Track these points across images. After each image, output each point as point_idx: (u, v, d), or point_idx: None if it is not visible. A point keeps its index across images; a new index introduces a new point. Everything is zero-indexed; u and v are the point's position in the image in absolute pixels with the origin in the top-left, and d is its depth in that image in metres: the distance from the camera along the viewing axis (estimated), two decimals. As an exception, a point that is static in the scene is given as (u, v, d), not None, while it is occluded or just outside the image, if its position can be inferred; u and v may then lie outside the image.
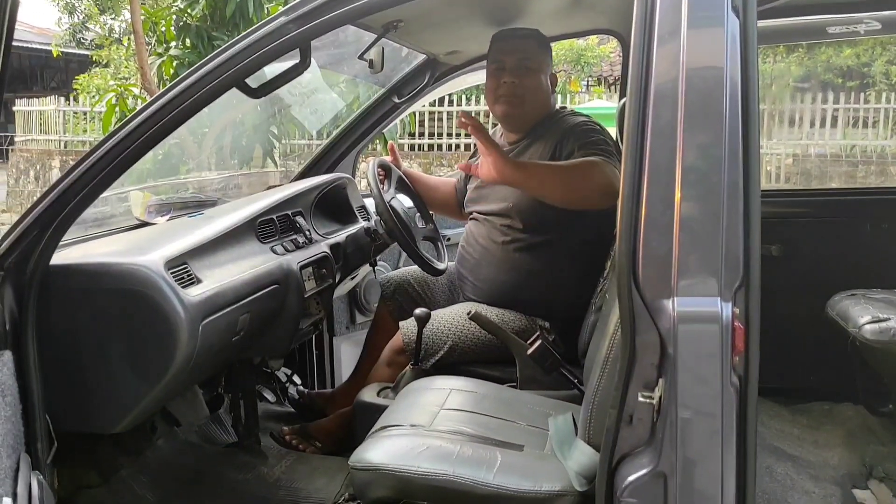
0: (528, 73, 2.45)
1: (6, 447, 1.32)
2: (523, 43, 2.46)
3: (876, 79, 12.16)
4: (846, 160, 10.99)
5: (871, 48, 11.97)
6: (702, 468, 1.38)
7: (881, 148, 11.19)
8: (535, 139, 2.47)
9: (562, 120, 2.47)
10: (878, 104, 11.42)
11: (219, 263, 2.01)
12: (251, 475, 2.41)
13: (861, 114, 11.38)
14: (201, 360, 1.85)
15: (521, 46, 2.46)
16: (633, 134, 1.41)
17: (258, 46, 1.62)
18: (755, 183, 1.38)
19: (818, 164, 11.06)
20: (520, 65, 2.44)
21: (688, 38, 1.40)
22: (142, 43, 6.78)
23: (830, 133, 11.30)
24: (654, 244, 1.39)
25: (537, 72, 2.46)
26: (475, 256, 2.53)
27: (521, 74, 2.44)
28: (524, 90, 2.45)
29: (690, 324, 1.36)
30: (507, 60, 2.45)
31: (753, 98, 1.40)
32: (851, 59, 12.14)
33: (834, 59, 11.89)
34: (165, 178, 3.30)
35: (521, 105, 2.46)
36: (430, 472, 1.65)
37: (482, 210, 2.55)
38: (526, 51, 2.45)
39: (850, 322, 2.42)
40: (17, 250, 1.63)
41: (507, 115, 2.50)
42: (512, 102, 2.46)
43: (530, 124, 2.49)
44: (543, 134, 2.46)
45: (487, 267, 2.48)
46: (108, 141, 1.65)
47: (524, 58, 2.44)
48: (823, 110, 11.16)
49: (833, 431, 2.62)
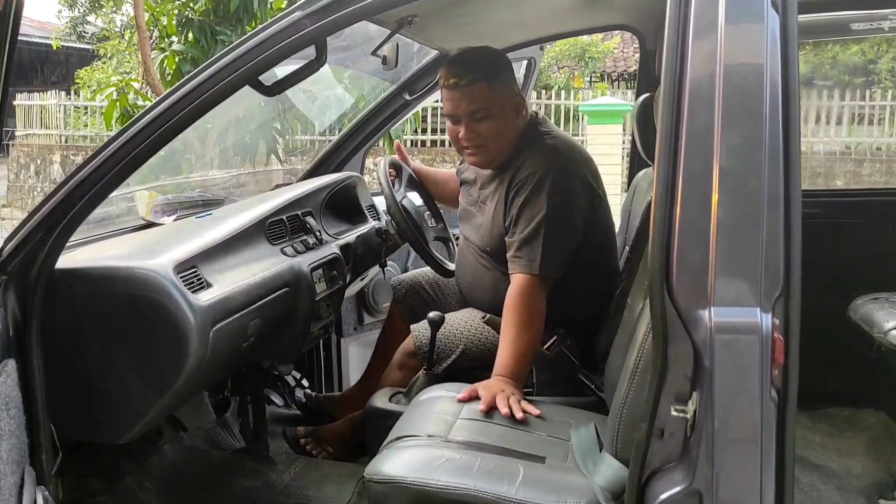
0: (483, 121, 2.25)
1: (10, 463, 1.26)
2: (471, 91, 2.22)
3: (882, 75, 12.10)
4: (853, 158, 10.93)
5: (877, 45, 11.91)
6: (740, 486, 1.32)
7: (887, 145, 11.13)
8: (505, 167, 2.32)
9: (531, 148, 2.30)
10: (883, 101, 11.36)
11: (229, 267, 1.95)
12: (260, 482, 2.36)
13: (867, 111, 11.32)
14: (211, 367, 1.79)
15: (469, 96, 2.23)
16: (666, 134, 1.35)
17: (273, 42, 1.56)
18: (796, 186, 1.32)
19: (824, 162, 11.01)
20: (472, 116, 2.25)
21: (725, 34, 1.34)
22: (145, 37, 6.72)
23: (836, 130, 11.25)
24: (688, 251, 1.33)
25: (494, 117, 2.25)
26: (468, 280, 2.47)
27: (476, 126, 2.25)
28: (484, 140, 2.27)
29: (729, 335, 1.30)
30: (459, 112, 2.26)
31: (794, 98, 1.33)
32: (858, 55, 12.08)
33: (840, 55, 11.82)
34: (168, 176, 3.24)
35: (485, 153, 2.30)
36: (450, 486, 1.59)
37: (466, 236, 2.47)
38: (476, 100, 2.23)
39: (875, 327, 2.36)
40: (21, 253, 1.57)
41: (477, 163, 2.37)
42: (476, 152, 2.31)
43: (501, 160, 2.34)
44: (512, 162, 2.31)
45: (481, 291, 2.41)
46: (117, 140, 1.59)
47: (475, 109, 2.24)
48: (829, 107, 11.09)
49: (855, 438, 2.56)
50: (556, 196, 2.19)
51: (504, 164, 2.33)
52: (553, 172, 2.21)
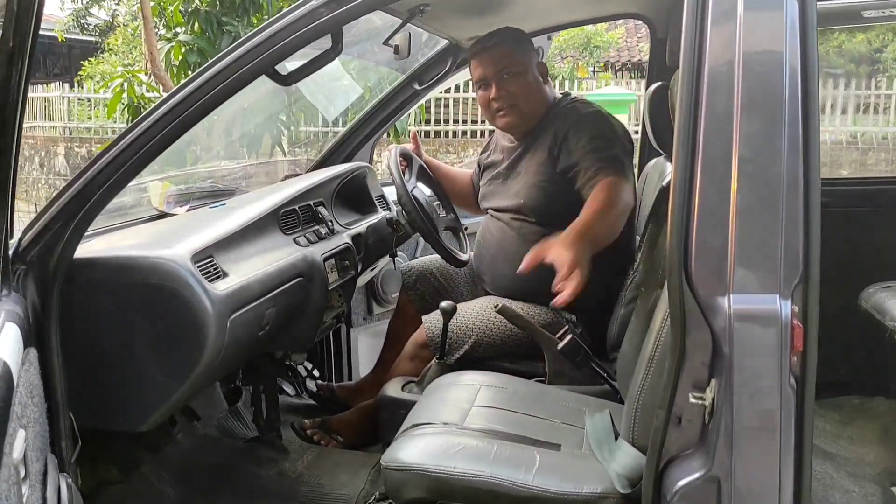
0: (513, 79, 2.41)
1: (35, 450, 1.27)
2: (497, 52, 2.42)
3: (887, 64, 12.04)
4: (860, 147, 10.89)
5: (882, 34, 11.85)
6: (759, 473, 1.32)
7: (893, 135, 11.09)
8: (538, 135, 2.44)
9: (566, 110, 2.43)
10: (889, 90, 11.31)
11: (244, 256, 1.95)
12: (273, 471, 2.37)
13: (872, 100, 11.27)
14: (229, 356, 1.80)
15: (495, 57, 2.41)
16: (684, 121, 1.35)
17: (289, 31, 1.56)
18: (815, 173, 1.32)
19: (829, 152, 10.96)
20: (501, 75, 2.40)
21: (744, 21, 1.34)
22: (150, 28, 6.71)
23: (841, 119, 11.20)
24: (707, 238, 1.33)
25: (522, 74, 2.42)
26: (491, 252, 2.48)
27: (506, 83, 2.41)
28: (515, 98, 2.41)
29: (748, 323, 1.30)
30: (489, 74, 2.42)
31: (813, 85, 1.33)
32: (864, 44, 12.02)
33: (846, 44, 11.77)
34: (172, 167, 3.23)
35: (517, 112, 2.43)
36: (466, 473, 1.59)
37: (495, 206, 2.52)
38: (502, 59, 2.41)
39: (888, 315, 2.36)
40: (39, 243, 1.57)
41: (509, 125, 2.48)
42: (509, 113, 2.43)
43: (534, 124, 2.46)
44: (546, 128, 2.42)
45: (504, 262, 2.42)
46: (133, 130, 1.59)
47: (503, 67, 2.40)
48: (835, 96, 11.05)
49: (867, 427, 2.57)
50: (613, 128, 2.36)
51: (536, 130, 2.44)
52: (601, 113, 2.39)
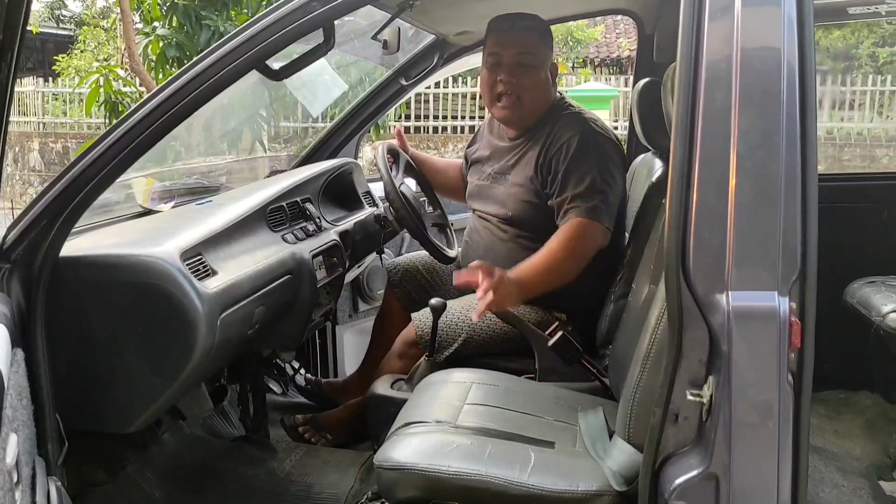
0: (527, 70, 2.30)
1: (25, 454, 1.24)
2: (523, 37, 2.30)
3: (862, 61, 12.16)
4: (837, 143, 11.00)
5: (857, 30, 11.96)
6: (757, 470, 1.32)
7: (868, 130, 11.21)
8: (530, 138, 2.37)
9: (563, 117, 2.35)
10: (864, 87, 11.43)
11: (233, 254, 1.92)
12: (261, 470, 2.34)
13: (847, 96, 11.39)
14: (218, 355, 1.78)
15: (520, 40, 2.30)
16: (682, 118, 1.34)
17: (281, 25, 1.53)
18: (813, 170, 1.32)
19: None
20: (518, 61, 2.30)
21: (742, 17, 1.33)
22: (129, 22, 6.61)
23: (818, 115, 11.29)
24: (706, 235, 1.32)
25: (537, 68, 2.32)
26: (479, 253, 2.42)
27: (519, 73, 2.30)
28: (522, 90, 2.31)
29: (747, 320, 1.30)
30: (505, 55, 2.30)
31: (811, 81, 1.33)
32: (839, 41, 12.14)
33: (822, 41, 11.87)
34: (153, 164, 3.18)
35: (519, 106, 2.33)
36: (461, 472, 1.58)
37: (483, 210, 2.46)
38: (525, 45, 2.30)
39: (874, 310, 2.38)
40: (24, 241, 1.53)
41: (506, 117, 2.38)
42: (510, 106, 2.33)
43: (531, 123, 2.37)
44: (540, 131, 2.35)
45: (493, 264, 2.40)
46: (122, 125, 1.56)
47: (523, 53, 2.30)
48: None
49: (853, 421, 2.59)
50: (602, 156, 2.26)
51: (530, 131, 2.37)
52: (593, 135, 2.29)
